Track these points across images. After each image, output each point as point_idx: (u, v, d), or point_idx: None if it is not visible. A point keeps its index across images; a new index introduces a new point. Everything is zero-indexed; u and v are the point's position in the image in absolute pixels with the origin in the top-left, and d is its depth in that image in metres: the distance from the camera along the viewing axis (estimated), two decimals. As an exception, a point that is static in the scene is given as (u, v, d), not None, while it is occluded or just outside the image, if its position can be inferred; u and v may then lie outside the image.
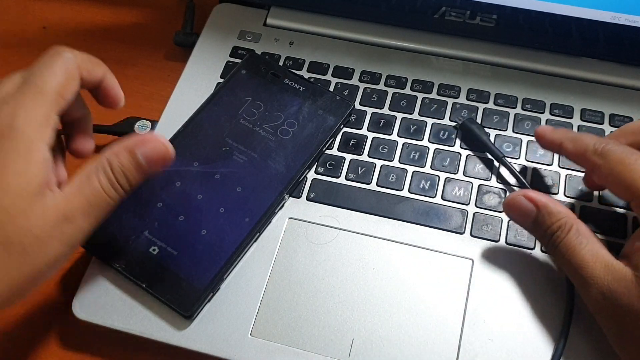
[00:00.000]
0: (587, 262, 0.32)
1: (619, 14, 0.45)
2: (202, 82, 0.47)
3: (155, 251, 0.37)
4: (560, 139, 0.37)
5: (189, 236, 0.37)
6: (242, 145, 0.41)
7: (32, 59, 0.54)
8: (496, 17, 0.48)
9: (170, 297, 0.35)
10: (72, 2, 0.59)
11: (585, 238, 0.32)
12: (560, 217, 0.33)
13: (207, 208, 0.38)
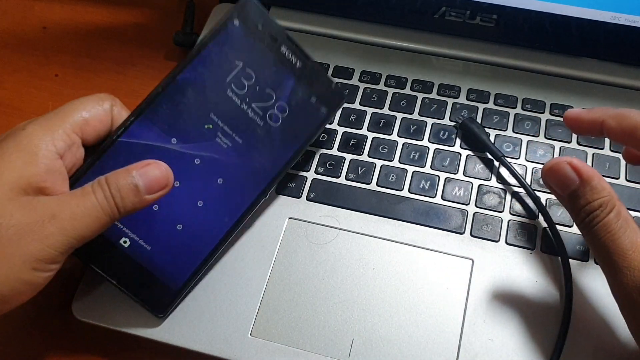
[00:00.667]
0: (625, 249, 0.29)
1: (619, 14, 0.45)
2: (202, 82, 0.47)
3: (127, 243, 0.34)
4: (601, 116, 0.32)
5: (163, 230, 0.34)
6: (227, 125, 0.35)
7: (32, 59, 0.54)
8: (496, 17, 0.48)
9: (143, 297, 0.34)
10: (72, 2, 0.59)
11: (626, 222, 0.29)
12: (604, 194, 0.30)
13: (184, 199, 0.35)
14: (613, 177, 0.41)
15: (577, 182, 0.31)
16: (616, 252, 0.29)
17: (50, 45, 0.55)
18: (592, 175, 0.30)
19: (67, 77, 0.52)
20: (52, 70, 0.53)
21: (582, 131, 0.34)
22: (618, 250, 0.29)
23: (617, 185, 0.41)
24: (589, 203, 0.30)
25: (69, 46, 0.55)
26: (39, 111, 0.49)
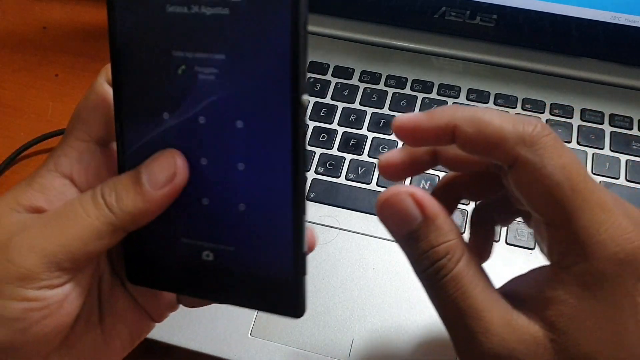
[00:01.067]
0: (480, 310, 0.22)
1: (619, 14, 0.45)
2: (202, 82, 0.47)
3: (210, 256, 0.27)
4: (451, 121, 0.23)
5: (229, 221, 0.26)
6: (196, 50, 0.25)
7: (32, 59, 0.54)
8: (496, 17, 0.48)
9: (268, 305, 0.27)
10: (72, 2, 0.59)
11: (476, 275, 0.23)
12: (451, 237, 0.23)
13: (221, 175, 0.26)
14: (613, 177, 0.41)
15: (419, 220, 0.23)
16: (469, 314, 0.22)
17: (50, 45, 0.55)
18: (437, 213, 0.23)
19: (67, 77, 0.52)
20: (52, 70, 0.53)
21: (422, 142, 0.25)
22: (471, 312, 0.22)
23: (617, 185, 0.41)
24: (433, 248, 0.23)
25: (69, 46, 0.55)
26: (39, 111, 0.49)
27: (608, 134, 0.44)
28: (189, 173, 0.26)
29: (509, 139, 0.22)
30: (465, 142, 0.23)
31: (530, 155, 0.22)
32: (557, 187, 0.21)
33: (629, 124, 0.45)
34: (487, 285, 0.23)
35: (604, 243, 0.21)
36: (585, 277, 0.21)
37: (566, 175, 0.21)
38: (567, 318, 0.21)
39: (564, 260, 0.22)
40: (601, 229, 0.21)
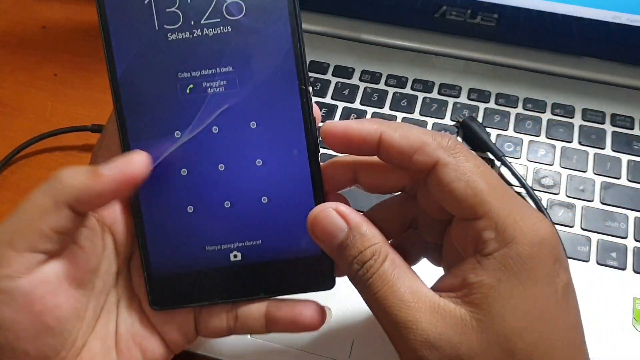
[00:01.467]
0: (407, 301, 0.24)
1: (620, 14, 0.44)
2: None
3: (238, 256, 0.28)
4: (378, 128, 0.26)
5: (254, 217, 0.28)
6: (202, 68, 0.27)
7: (32, 59, 0.54)
8: (497, 17, 0.48)
9: (302, 285, 0.28)
10: (72, 2, 0.59)
11: (402, 270, 0.25)
12: (375, 241, 0.25)
13: (241, 175, 0.28)
14: (614, 177, 0.41)
15: (345, 230, 0.26)
16: (396, 306, 0.24)
17: (50, 45, 0.55)
18: (360, 222, 0.26)
19: (67, 77, 0.52)
20: (52, 70, 0.53)
21: (350, 147, 0.27)
22: (400, 304, 0.24)
23: (618, 185, 0.41)
24: (361, 252, 0.25)
25: (69, 46, 0.55)
26: (38, 111, 0.49)
27: (609, 133, 0.44)
28: (208, 180, 0.28)
29: (430, 143, 0.25)
30: (390, 147, 0.26)
31: (449, 157, 0.25)
32: (476, 183, 0.24)
33: (630, 123, 0.44)
34: (413, 280, 0.25)
35: (521, 229, 0.24)
36: (507, 260, 0.23)
37: (481, 174, 0.25)
38: (491, 299, 0.23)
39: (486, 248, 0.24)
40: (517, 217, 0.24)
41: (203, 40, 0.27)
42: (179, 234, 0.28)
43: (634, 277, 0.37)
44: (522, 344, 0.23)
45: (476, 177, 0.25)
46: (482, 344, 0.23)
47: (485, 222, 0.24)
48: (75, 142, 0.47)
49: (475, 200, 0.24)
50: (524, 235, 0.24)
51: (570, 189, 0.41)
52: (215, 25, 0.27)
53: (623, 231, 0.39)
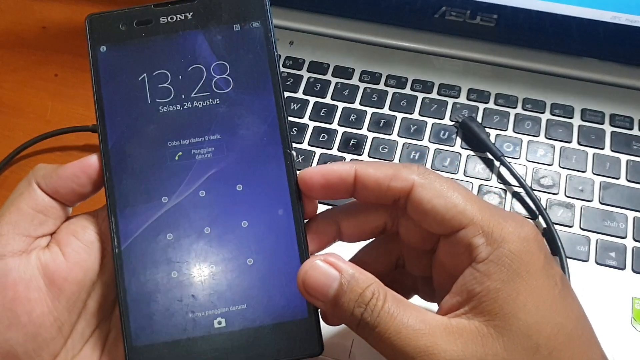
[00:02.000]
0: (420, 329, 0.23)
1: (620, 14, 0.45)
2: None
3: (222, 323, 0.27)
4: (351, 166, 0.27)
5: (239, 279, 0.28)
6: (191, 137, 0.28)
7: (32, 59, 0.54)
8: (496, 17, 0.48)
9: (288, 351, 0.27)
10: (72, 2, 0.59)
11: (405, 304, 0.24)
12: (371, 281, 0.25)
13: (227, 237, 0.28)
14: (614, 177, 0.41)
15: (339, 277, 0.25)
16: (412, 336, 0.23)
17: (50, 45, 0.55)
18: (351, 267, 0.25)
19: (67, 77, 0.52)
20: (52, 70, 0.53)
21: (328, 190, 0.27)
22: (413, 334, 0.23)
23: (617, 185, 0.41)
24: (360, 294, 0.24)
25: (69, 46, 0.55)
26: (38, 111, 0.49)
27: (608, 134, 0.44)
28: (194, 244, 0.28)
29: (403, 170, 0.26)
30: (367, 180, 0.27)
31: (423, 179, 0.26)
32: (454, 197, 0.25)
33: (629, 124, 0.44)
34: (418, 310, 0.24)
35: (508, 229, 0.24)
36: (504, 259, 0.24)
37: (456, 188, 0.26)
38: (501, 301, 0.23)
39: (480, 254, 0.24)
40: (500, 219, 0.25)
41: (192, 112, 0.29)
42: (162, 301, 0.27)
43: (633, 276, 0.37)
44: (542, 338, 0.23)
45: (452, 191, 0.26)
46: (507, 348, 0.23)
47: (472, 229, 0.25)
48: (76, 142, 0.47)
49: (457, 211, 0.25)
50: (511, 234, 0.24)
51: (569, 189, 0.41)
52: (205, 98, 0.29)
53: (622, 231, 0.39)
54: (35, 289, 0.25)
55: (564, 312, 0.24)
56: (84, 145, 0.47)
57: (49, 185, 0.27)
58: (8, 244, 0.25)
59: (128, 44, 0.29)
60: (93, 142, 0.47)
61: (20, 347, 0.25)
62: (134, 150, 0.28)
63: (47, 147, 0.47)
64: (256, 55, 0.29)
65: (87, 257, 0.27)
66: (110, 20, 0.29)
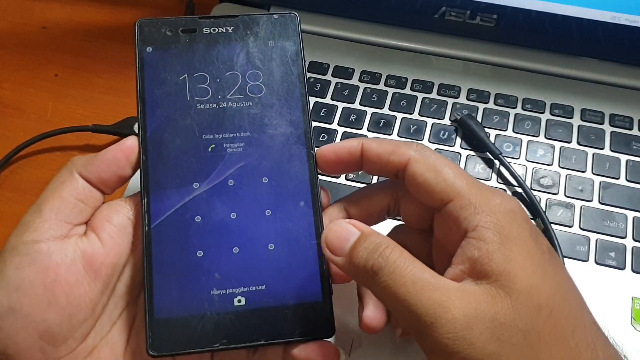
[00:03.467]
0: (436, 284, 0.24)
1: (619, 14, 0.45)
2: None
3: (242, 301, 0.29)
4: (359, 141, 0.30)
5: (260, 262, 0.30)
6: (224, 132, 0.32)
7: (32, 59, 0.54)
8: (496, 17, 0.48)
9: (302, 332, 0.29)
10: (72, 2, 0.59)
11: (419, 262, 0.25)
12: (387, 240, 0.26)
13: (251, 223, 0.30)
14: (613, 177, 0.41)
15: (357, 233, 0.26)
16: (429, 286, 0.24)
17: (50, 45, 0.55)
18: (370, 229, 0.27)
19: (67, 77, 0.52)
20: (52, 70, 0.53)
21: (340, 165, 0.31)
22: (430, 285, 0.24)
23: (617, 185, 0.41)
24: (376, 243, 0.25)
25: (69, 46, 0.55)
26: (39, 111, 0.49)
27: (608, 134, 0.44)
28: (220, 227, 0.30)
29: (401, 146, 0.29)
30: (370, 153, 0.29)
31: (418, 154, 0.28)
32: (444, 171, 0.27)
33: (629, 124, 0.44)
34: (432, 270, 0.25)
35: (494, 201, 0.26)
36: (495, 225, 0.25)
37: (447, 164, 0.28)
38: (502, 262, 0.24)
39: (471, 222, 0.25)
40: (487, 193, 0.26)
41: (227, 110, 0.32)
42: (187, 277, 0.29)
43: (632, 276, 0.37)
44: (542, 298, 0.24)
45: (444, 167, 0.27)
46: (514, 306, 0.23)
47: (460, 201, 0.26)
48: (76, 142, 0.47)
49: (447, 184, 0.27)
50: (498, 205, 0.26)
51: (569, 189, 0.41)
52: (239, 100, 0.32)
53: (622, 231, 0.39)
54: (75, 272, 0.27)
55: (557, 276, 0.25)
56: (84, 145, 0.47)
57: (91, 172, 0.28)
58: (51, 229, 0.27)
59: (173, 47, 0.32)
60: (93, 142, 0.47)
61: (56, 327, 0.26)
62: (171, 139, 0.31)
63: (47, 147, 0.47)
64: (287, 68, 0.33)
65: (120, 240, 0.28)
66: (158, 25, 0.33)
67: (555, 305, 0.24)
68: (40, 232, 0.26)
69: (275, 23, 0.34)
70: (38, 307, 0.26)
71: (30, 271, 0.26)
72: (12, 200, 0.44)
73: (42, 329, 0.26)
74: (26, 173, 0.46)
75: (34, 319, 0.25)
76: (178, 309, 0.28)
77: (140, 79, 0.32)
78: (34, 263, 0.26)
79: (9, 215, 0.43)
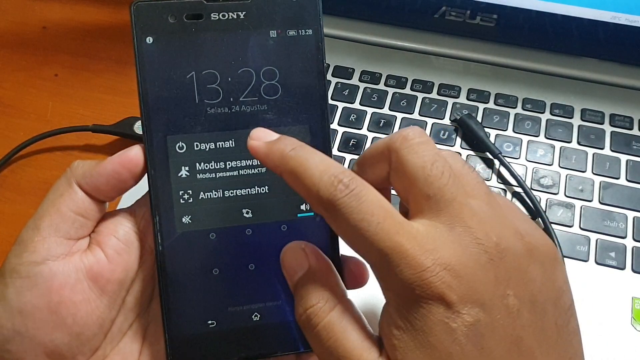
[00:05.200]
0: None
1: (619, 14, 0.45)
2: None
3: (258, 316, 0.28)
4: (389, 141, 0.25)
5: (276, 278, 0.28)
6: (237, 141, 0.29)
7: (32, 59, 0.54)
8: (496, 17, 0.48)
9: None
10: (72, 2, 0.59)
11: (352, 321, 0.24)
12: (329, 287, 0.25)
13: (266, 238, 0.29)
14: (613, 177, 0.41)
15: (306, 268, 0.26)
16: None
17: (50, 45, 0.55)
18: (322, 266, 0.26)
19: (67, 77, 0.52)
20: (52, 70, 0.53)
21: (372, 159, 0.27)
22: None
23: (617, 185, 0.41)
24: (310, 294, 0.24)
25: (69, 46, 0.55)
26: (39, 111, 0.49)
27: (608, 133, 0.44)
28: (235, 243, 0.28)
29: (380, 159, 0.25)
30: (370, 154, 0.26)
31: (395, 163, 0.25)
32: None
33: (629, 123, 0.44)
34: (361, 331, 0.23)
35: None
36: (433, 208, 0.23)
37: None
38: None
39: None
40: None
41: (240, 116, 0.28)
42: (203, 296, 0.28)
43: (632, 276, 0.37)
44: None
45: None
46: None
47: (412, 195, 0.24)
48: (76, 142, 0.47)
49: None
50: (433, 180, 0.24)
51: (569, 189, 0.41)
52: (253, 103, 0.28)
53: (622, 231, 0.39)
54: (80, 291, 0.26)
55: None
56: (84, 145, 0.47)
57: (89, 184, 0.27)
58: (51, 248, 0.25)
59: (176, 38, 0.28)
60: (93, 142, 0.47)
61: (64, 346, 0.25)
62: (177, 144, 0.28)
63: (47, 146, 0.47)
64: (306, 64, 0.29)
65: (127, 257, 0.27)
66: (159, 10, 0.28)
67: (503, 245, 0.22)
68: (40, 252, 0.25)
69: (293, 8, 0.29)
70: (43, 329, 0.25)
71: (32, 295, 0.25)
72: (12, 200, 0.44)
73: (49, 349, 0.25)
74: (26, 173, 0.46)
75: (40, 340, 0.25)
76: (196, 325, 0.28)
77: (141, 78, 0.28)
78: (35, 287, 0.25)
79: (9, 215, 0.43)
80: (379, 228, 0.21)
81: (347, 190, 0.22)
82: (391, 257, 0.21)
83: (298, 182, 0.23)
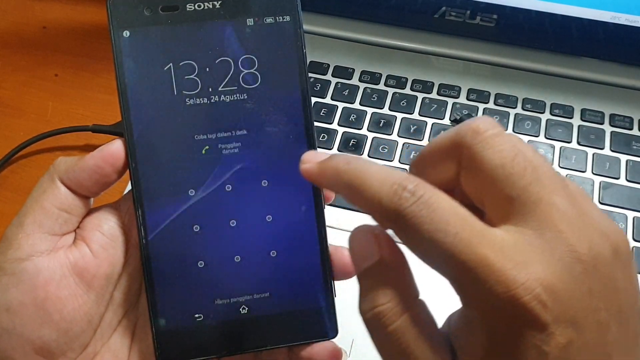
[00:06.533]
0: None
1: (619, 14, 0.45)
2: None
3: (246, 309, 0.28)
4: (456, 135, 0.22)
5: (262, 270, 0.29)
6: (218, 132, 0.28)
7: (32, 59, 0.54)
8: (496, 17, 0.48)
9: (306, 335, 0.29)
10: (72, 2, 0.59)
11: (424, 325, 0.22)
12: (400, 286, 0.23)
13: (252, 230, 0.29)
14: (613, 177, 0.41)
15: (376, 258, 0.22)
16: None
17: (50, 45, 0.55)
18: (394, 258, 0.23)
19: (67, 77, 0.52)
20: (52, 70, 0.53)
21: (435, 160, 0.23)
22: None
23: (617, 185, 0.41)
24: (380, 290, 0.22)
25: (69, 46, 0.55)
26: (39, 111, 0.49)
27: (608, 134, 0.44)
28: (219, 236, 0.28)
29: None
30: (431, 150, 0.23)
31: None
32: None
33: (629, 123, 0.45)
34: (434, 340, 0.21)
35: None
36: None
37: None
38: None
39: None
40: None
41: (220, 106, 0.28)
42: (189, 289, 0.28)
43: (632, 276, 0.37)
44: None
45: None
46: None
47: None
48: (76, 142, 0.47)
49: None
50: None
51: (569, 189, 0.41)
52: (232, 93, 0.28)
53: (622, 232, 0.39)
54: (66, 287, 0.26)
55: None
56: (84, 145, 0.47)
57: (72, 180, 0.26)
58: (35, 244, 0.25)
59: (153, 30, 0.28)
60: (93, 142, 0.47)
61: (53, 342, 0.25)
62: (160, 141, 0.28)
63: (47, 146, 0.47)
64: (285, 51, 0.28)
65: (113, 251, 0.27)
66: (134, 4, 0.28)
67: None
68: (24, 249, 0.25)
69: None
70: (31, 325, 0.25)
71: (18, 292, 0.25)
72: (12, 200, 0.44)
73: (38, 345, 0.25)
74: (26, 173, 0.46)
75: (28, 337, 0.25)
76: (183, 319, 0.28)
77: (119, 72, 0.28)
78: (21, 283, 0.25)
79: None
80: (457, 239, 0.19)
81: (413, 197, 0.19)
82: (476, 272, 0.19)
83: (357, 195, 0.21)
